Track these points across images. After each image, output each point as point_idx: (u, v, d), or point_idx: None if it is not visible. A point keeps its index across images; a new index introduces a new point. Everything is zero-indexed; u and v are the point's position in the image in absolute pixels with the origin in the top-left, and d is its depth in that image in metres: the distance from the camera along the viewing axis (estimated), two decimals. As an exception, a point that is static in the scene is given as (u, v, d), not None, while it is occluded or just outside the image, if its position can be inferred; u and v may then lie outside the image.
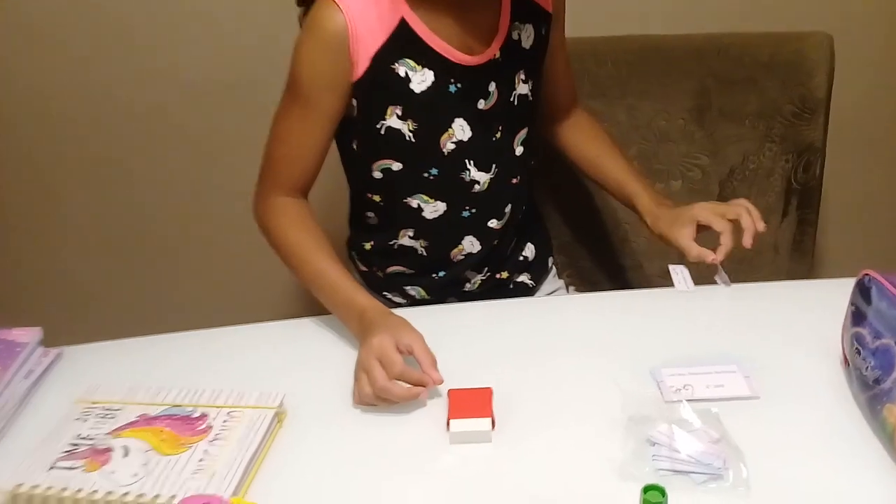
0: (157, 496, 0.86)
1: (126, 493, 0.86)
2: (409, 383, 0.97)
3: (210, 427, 0.95)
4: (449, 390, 0.99)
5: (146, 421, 0.96)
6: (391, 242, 1.25)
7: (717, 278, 1.21)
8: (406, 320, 1.02)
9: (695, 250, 1.18)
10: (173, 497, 0.85)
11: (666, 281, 1.22)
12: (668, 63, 1.51)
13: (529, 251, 1.37)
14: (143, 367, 1.10)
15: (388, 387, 0.96)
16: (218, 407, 0.98)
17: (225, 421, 0.96)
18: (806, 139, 1.50)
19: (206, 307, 1.86)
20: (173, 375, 1.07)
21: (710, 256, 1.17)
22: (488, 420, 0.95)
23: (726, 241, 1.17)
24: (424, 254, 1.25)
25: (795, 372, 1.02)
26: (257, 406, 0.98)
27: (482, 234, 1.25)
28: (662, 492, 0.80)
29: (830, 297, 1.04)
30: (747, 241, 1.16)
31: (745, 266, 1.33)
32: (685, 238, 1.20)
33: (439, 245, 1.25)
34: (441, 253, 1.25)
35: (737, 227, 1.18)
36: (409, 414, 0.99)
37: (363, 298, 1.07)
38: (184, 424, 0.95)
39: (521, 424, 0.97)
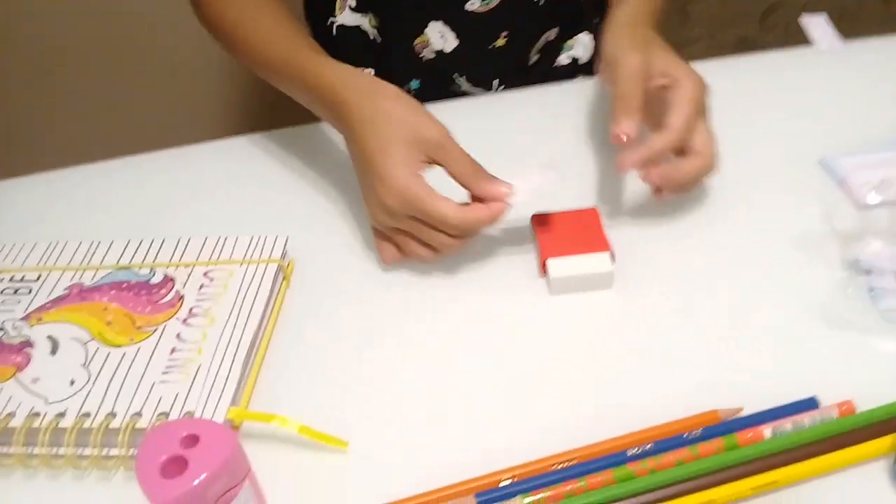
0: (109, 415, 0.53)
1: (60, 415, 0.54)
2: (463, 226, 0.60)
3: (180, 297, 0.62)
4: (533, 216, 0.66)
5: (81, 294, 0.62)
6: (326, 23, 0.85)
7: (815, 38, 0.85)
8: (402, 93, 0.62)
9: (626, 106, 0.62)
10: (136, 416, 0.53)
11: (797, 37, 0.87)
12: None
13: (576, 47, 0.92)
14: (72, 212, 0.74)
15: (443, 247, 0.62)
16: (189, 265, 0.64)
17: (202, 286, 0.62)
18: None
19: (150, 127, 1.47)
20: (117, 221, 0.73)
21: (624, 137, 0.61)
22: (607, 255, 0.62)
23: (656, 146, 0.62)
24: (378, 39, 0.86)
25: None
26: (250, 260, 0.64)
27: (456, 19, 0.83)
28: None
29: None
30: (652, 177, 0.63)
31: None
32: (628, 80, 0.62)
33: (392, 25, 0.85)
34: (397, 41, 0.83)
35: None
36: (476, 250, 0.66)
37: (326, 69, 0.65)
38: (139, 296, 0.62)
39: (649, 257, 0.64)
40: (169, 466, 0.45)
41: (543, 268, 0.63)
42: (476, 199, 0.61)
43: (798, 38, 0.88)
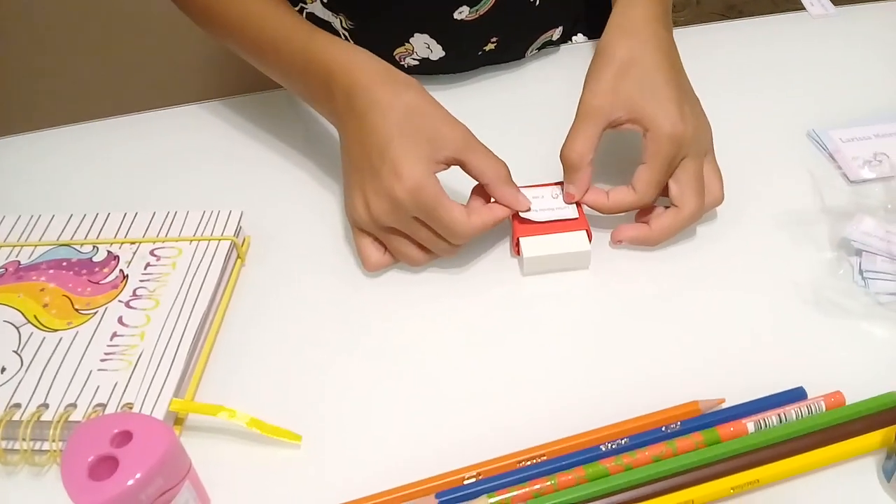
0: (41, 407, 0.49)
1: (-12, 405, 0.49)
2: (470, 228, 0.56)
3: (124, 276, 0.57)
4: (504, 188, 0.62)
5: (17, 273, 0.58)
6: (299, 6, 0.76)
7: (808, 4, 0.81)
8: (420, 85, 0.58)
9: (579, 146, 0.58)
10: (70, 407, 0.49)
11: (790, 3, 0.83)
12: None
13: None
14: (8, 184, 0.70)
15: (441, 252, 0.58)
16: (135, 242, 0.60)
17: (148, 265, 0.58)
18: None
19: (96, 92, 1.39)
20: (58, 194, 0.68)
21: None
22: (583, 233, 0.58)
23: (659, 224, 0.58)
24: (350, 41, 0.73)
25: None
26: (200, 237, 0.60)
27: (443, 29, 0.74)
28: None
29: None
30: (628, 234, 0.59)
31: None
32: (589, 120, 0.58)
33: (369, 32, 0.75)
34: (374, 47, 0.66)
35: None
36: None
37: (334, 48, 0.59)
38: (79, 275, 0.57)
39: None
40: (98, 467, 0.41)
41: (517, 247, 0.58)
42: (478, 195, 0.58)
43: (787, 5, 0.84)
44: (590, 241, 0.58)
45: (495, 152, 0.57)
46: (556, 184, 0.60)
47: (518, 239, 0.58)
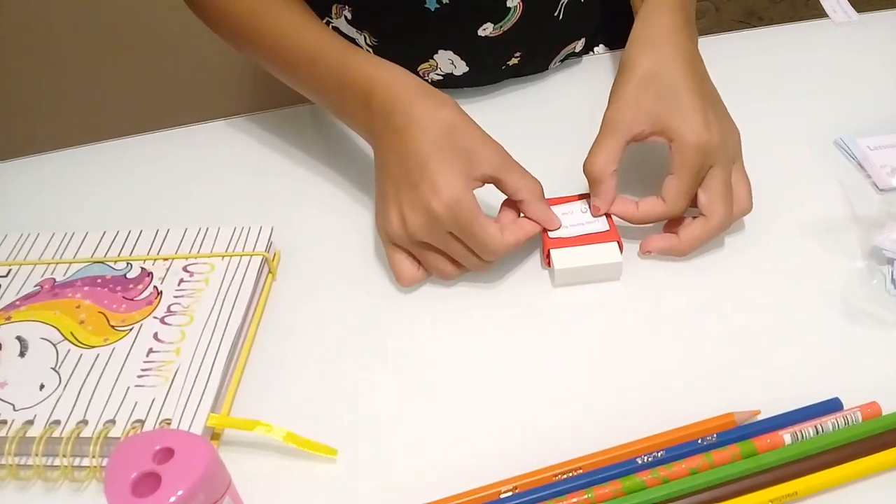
0: (80, 423, 0.50)
1: (29, 422, 0.50)
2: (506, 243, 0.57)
3: (158, 293, 0.58)
4: (534, 202, 0.62)
5: (52, 291, 0.59)
6: (325, 20, 0.77)
7: (831, 11, 0.81)
8: (457, 104, 0.58)
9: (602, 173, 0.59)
10: (109, 423, 0.50)
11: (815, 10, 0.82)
12: None
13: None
14: (43, 202, 0.71)
15: (473, 267, 0.58)
16: (168, 258, 0.60)
17: (182, 281, 0.59)
18: None
19: (126, 111, 1.42)
20: (92, 211, 0.69)
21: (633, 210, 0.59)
22: (614, 245, 0.58)
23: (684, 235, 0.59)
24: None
25: None
26: (232, 253, 0.60)
27: (467, 46, 0.74)
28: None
29: None
30: (657, 245, 0.59)
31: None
32: (612, 135, 0.58)
33: (393, 49, 0.75)
34: (398, 63, 0.67)
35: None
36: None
37: (370, 65, 0.59)
38: (114, 292, 0.58)
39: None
40: (141, 484, 0.41)
41: (547, 259, 0.59)
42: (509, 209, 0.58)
43: (806, 10, 0.84)
44: (621, 252, 0.58)
45: (522, 162, 0.57)
46: (584, 196, 0.61)
47: (549, 251, 0.58)
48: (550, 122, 0.73)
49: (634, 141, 0.58)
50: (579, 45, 0.80)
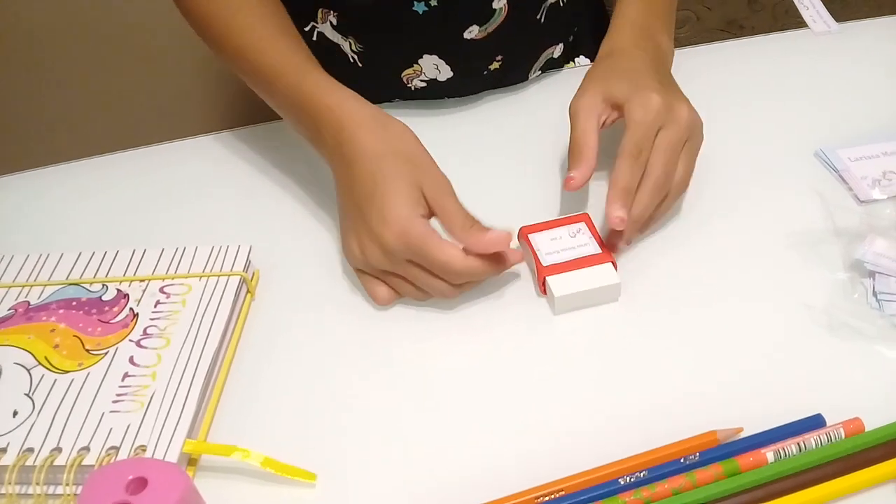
0: (54, 451, 0.49)
1: (1, 450, 0.49)
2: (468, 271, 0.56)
3: (134, 315, 0.57)
4: (521, 229, 0.61)
5: (27, 314, 0.58)
6: (306, 27, 0.77)
7: (810, 21, 0.81)
8: (409, 131, 0.58)
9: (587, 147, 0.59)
10: (84, 451, 0.49)
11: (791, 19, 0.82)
12: None
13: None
14: (17, 223, 0.70)
15: (440, 295, 0.57)
16: (144, 279, 0.60)
17: (158, 303, 0.58)
18: None
19: (101, 129, 1.40)
20: (66, 232, 0.68)
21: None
22: (609, 265, 0.58)
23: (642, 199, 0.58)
24: (359, 64, 0.76)
25: None
26: (210, 273, 0.60)
27: (452, 49, 0.74)
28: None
29: None
30: (615, 222, 0.56)
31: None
32: (585, 117, 0.60)
33: (379, 54, 0.76)
34: (383, 69, 0.74)
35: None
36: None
37: (327, 92, 0.59)
38: (90, 315, 0.57)
39: (641, 263, 0.60)
40: (114, 515, 0.41)
41: (542, 286, 0.58)
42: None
43: (787, 18, 0.84)
44: (616, 271, 0.57)
45: (500, 178, 0.56)
46: (569, 220, 0.60)
47: (545, 278, 0.57)
48: (531, 132, 0.73)
49: (604, 125, 0.60)
50: (557, 51, 0.80)
